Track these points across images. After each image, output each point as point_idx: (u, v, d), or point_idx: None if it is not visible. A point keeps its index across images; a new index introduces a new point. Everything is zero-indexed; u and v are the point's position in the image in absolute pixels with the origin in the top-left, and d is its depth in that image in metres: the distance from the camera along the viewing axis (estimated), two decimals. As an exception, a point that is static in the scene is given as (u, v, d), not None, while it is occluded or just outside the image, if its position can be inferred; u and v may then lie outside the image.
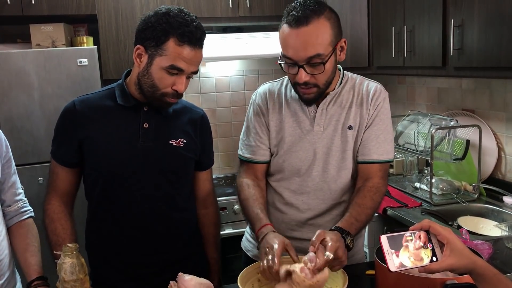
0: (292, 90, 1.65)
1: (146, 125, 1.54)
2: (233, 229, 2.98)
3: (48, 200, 1.58)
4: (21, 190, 1.62)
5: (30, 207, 1.64)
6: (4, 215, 1.56)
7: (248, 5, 3.18)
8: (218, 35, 3.17)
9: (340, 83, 1.64)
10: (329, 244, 1.31)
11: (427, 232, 1.18)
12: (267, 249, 1.36)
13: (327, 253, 1.29)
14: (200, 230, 1.75)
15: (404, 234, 1.17)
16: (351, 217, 1.48)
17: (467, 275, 1.22)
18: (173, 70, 1.45)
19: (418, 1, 2.40)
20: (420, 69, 2.49)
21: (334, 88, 1.62)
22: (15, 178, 1.60)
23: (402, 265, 1.13)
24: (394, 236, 1.16)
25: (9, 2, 2.71)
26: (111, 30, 3.00)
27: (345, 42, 1.54)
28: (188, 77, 1.51)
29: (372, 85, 1.65)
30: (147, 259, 1.59)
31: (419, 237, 1.17)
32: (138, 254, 1.59)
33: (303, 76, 1.48)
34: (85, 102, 1.56)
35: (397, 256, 1.14)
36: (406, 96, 3.19)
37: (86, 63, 2.72)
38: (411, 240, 1.16)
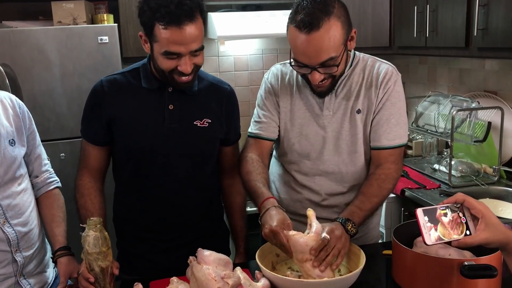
0: None
1: (171, 107, 1.56)
2: (249, 207, 3.00)
3: (79, 176, 1.63)
4: (47, 161, 1.67)
5: (56, 178, 1.68)
6: (32, 186, 1.61)
7: (272, -14, 3.14)
8: (237, 13, 3.14)
9: (351, 65, 1.61)
10: (325, 228, 1.35)
11: (461, 205, 1.18)
12: (265, 228, 1.38)
13: (324, 234, 1.32)
14: (225, 201, 1.77)
15: (439, 207, 1.17)
16: (353, 206, 1.49)
17: (486, 256, 1.22)
18: (169, 55, 1.42)
19: (443, -21, 2.35)
20: (442, 49, 2.45)
21: (344, 71, 1.58)
22: (41, 149, 1.64)
23: (437, 238, 1.14)
24: (429, 210, 1.17)
25: (31, -21, 2.72)
26: (131, 8, 2.99)
27: (355, 32, 1.49)
28: (193, 55, 1.45)
29: (383, 67, 1.60)
30: (171, 233, 1.64)
31: (453, 210, 1.17)
32: (163, 229, 1.63)
33: (317, 77, 1.46)
34: (113, 83, 1.58)
35: (435, 230, 1.15)
36: (427, 77, 3.15)
37: (107, 41, 2.73)
38: (445, 213, 1.16)
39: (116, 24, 2.80)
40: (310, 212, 1.39)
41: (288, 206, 1.65)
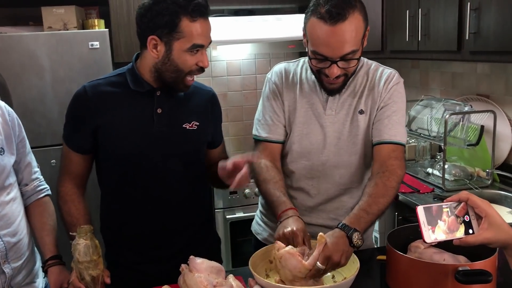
0: (308, 71, 1.64)
1: (159, 110, 1.54)
2: (243, 213, 2.98)
3: (61, 183, 1.59)
4: (37, 169, 1.64)
5: (46, 185, 1.66)
6: (22, 194, 1.58)
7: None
8: (229, 18, 3.14)
9: (356, 69, 1.61)
10: (324, 250, 1.26)
11: (465, 204, 1.16)
12: (286, 229, 1.35)
13: (318, 264, 1.26)
14: (211, 174, 1.67)
15: (441, 205, 1.16)
16: (360, 210, 1.40)
17: (481, 261, 1.21)
18: (195, 49, 1.44)
19: (434, -17, 2.36)
20: (434, 53, 2.46)
21: (355, 70, 1.58)
22: (31, 157, 1.62)
23: (437, 237, 1.12)
24: (430, 208, 1.15)
25: (21, -16, 2.70)
26: (123, 13, 2.98)
27: (368, 29, 1.50)
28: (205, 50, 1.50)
29: (386, 71, 1.62)
30: (162, 241, 1.61)
31: (456, 208, 1.15)
32: (152, 237, 1.60)
33: (335, 71, 1.45)
34: (97, 88, 1.54)
35: (433, 228, 1.13)
36: (419, 81, 3.15)
37: (98, 46, 2.71)
38: (448, 211, 1.15)
39: (107, 30, 2.79)
40: (323, 240, 1.29)
41: None
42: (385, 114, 1.57)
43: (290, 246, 1.31)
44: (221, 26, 2.91)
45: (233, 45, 3.48)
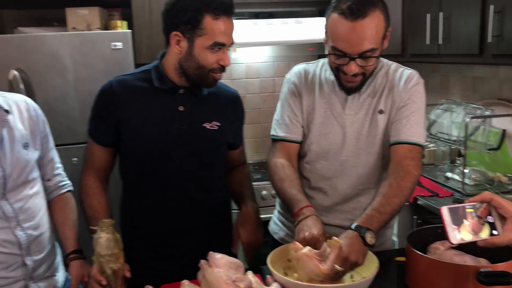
0: (327, 72, 1.64)
1: (181, 108, 1.56)
2: (260, 214, 2.99)
3: (84, 176, 1.63)
4: (59, 165, 1.67)
5: (69, 181, 1.69)
6: (45, 189, 1.61)
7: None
8: (249, 21, 3.16)
9: (375, 68, 1.61)
10: (340, 252, 1.27)
11: (489, 204, 1.15)
12: (306, 233, 1.35)
13: (336, 266, 1.26)
14: (230, 184, 1.74)
15: (465, 206, 1.15)
16: (372, 210, 1.40)
17: (503, 263, 1.20)
18: (216, 47, 1.46)
19: (456, -14, 2.34)
20: (455, 57, 2.44)
21: (374, 70, 1.58)
22: (54, 153, 1.65)
23: (462, 238, 1.11)
24: (454, 208, 1.14)
25: (46, -14, 2.76)
26: (145, 15, 3.03)
27: (389, 31, 1.51)
28: (227, 49, 1.52)
29: (406, 72, 1.61)
30: (180, 238, 1.62)
31: (480, 209, 1.14)
32: (171, 233, 1.62)
33: (353, 68, 1.46)
34: (122, 83, 1.58)
35: (458, 228, 1.12)
36: (439, 85, 3.13)
37: (120, 47, 2.75)
38: (472, 212, 1.14)
39: (129, 31, 2.83)
40: (337, 244, 1.29)
41: None
42: (404, 114, 1.56)
43: (308, 248, 1.31)
44: (241, 29, 2.93)
45: (252, 47, 3.50)
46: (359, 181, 1.62)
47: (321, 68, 1.68)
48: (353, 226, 1.35)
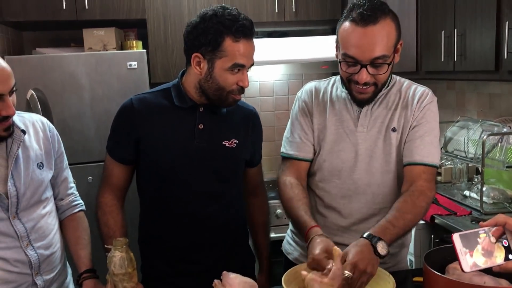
0: (338, 89, 1.64)
1: (201, 126, 1.57)
2: (275, 233, 2.96)
3: (101, 193, 1.63)
4: (73, 184, 1.69)
5: (81, 201, 1.70)
6: (57, 208, 1.62)
7: (294, 10, 3.19)
8: (263, 40, 3.19)
9: (388, 85, 1.60)
10: (349, 258, 1.25)
11: (503, 228, 1.12)
12: (309, 260, 1.34)
13: (345, 272, 1.23)
14: (249, 220, 1.78)
15: (478, 231, 1.11)
16: (386, 221, 1.39)
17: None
18: (236, 68, 1.47)
19: (470, 4, 2.33)
20: (471, 74, 2.42)
21: (386, 83, 1.57)
22: (68, 172, 1.66)
23: (475, 264, 1.08)
24: (466, 234, 1.11)
25: (64, 8, 2.83)
26: (160, 35, 3.07)
27: (401, 44, 1.51)
28: (248, 70, 1.53)
29: (420, 89, 1.60)
30: (199, 254, 1.62)
31: (493, 233, 1.11)
32: (190, 250, 1.62)
33: (364, 76, 1.45)
34: (143, 101, 1.59)
35: (471, 255, 1.09)
36: (455, 102, 3.10)
37: (136, 66, 2.80)
38: (485, 237, 1.11)
39: (144, 50, 2.87)
40: (336, 253, 1.29)
41: None
42: (418, 134, 1.55)
43: (313, 272, 1.30)
44: (255, 47, 2.95)
45: (266, 66, 3.52)
46: (375, 201, 1.60)
47: (332, 85, 1.67)
48: (365, 235, 1.34)
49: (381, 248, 1.30)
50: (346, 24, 1.45)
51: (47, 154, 1.55)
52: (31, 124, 1.55)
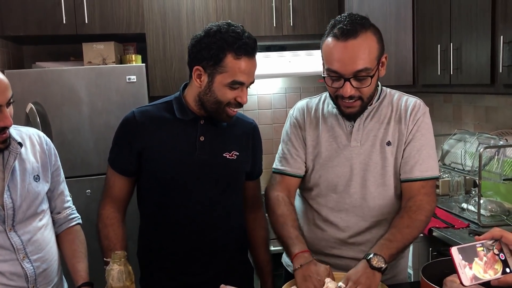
0: (330, 105, 1.66)
1: (202, 138, 1.59)
2: (273, 246, 2.95)
3: (102, 206, 1.64)
4: (69, 198, 1.69)
5: (77, 214, 1.70)
6: (54, 222, 1.63)
7: (291, 24, 3.22)
8: (261, 54, 3.21)
9: (378, 99, 1.62)
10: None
11: (499, 241, 1.12)
12: (317, 278, 1.38)
13: (340, 283, 1.30)
14: (249, 235, 1.78)
15: (475, 244, 1.12)
16: (383, 239, 1.45)
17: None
18: (235, 85, 1.49)
19: (465, 18, 2.36)
20: (467, 87, 2.44)
21: (372, 103, 1.60)
22: (64, 186, 1.67)
23: (475, 278, 1.09)
24: (464, 248, 1.11)
25: (64, 22, 2.85)
26: (159, 49, 3.10)
27: (386, 57, 1.53)
28: (247, 88, 1.55)
29: (411, 100, 1.62)
30: (195, 267, 1.62)
31: (490, 247, 1.12)
32: (189, 262, 1.62)
33: (348, 90, 1.47)
34: (145, 114, 1.61)
35: (470, 268, 1.09)
36: (452, 115, 3.12)
37: (135, 80, 2.81)
38: (482, 250, 1.11)
39: (143, 64, 2.89)
40: (341, 276, 1.36)
41: (313, 245, 1.62)
42: (415, 148, 1.57)
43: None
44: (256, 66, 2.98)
45: (264, 79, 3.55)
46: (372, 214, 1.61)
47: (323, 102, 1.70)
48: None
49: (376, 261, 1.34)
50: (328, 40, 1.49)
51: (43, 167, 1.56)
52: (28, 137, 1.56)
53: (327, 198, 1.64)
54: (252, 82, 1.55)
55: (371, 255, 1.36)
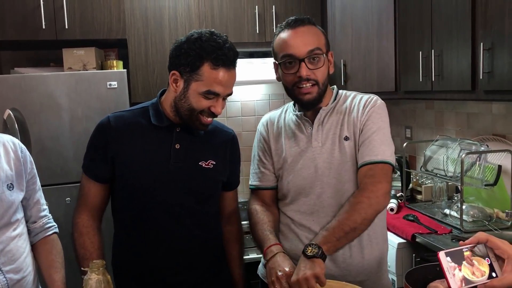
0: (291, 113, 1.70)
1: (177, 146, 1.56)
2: (257, 254, 2.94)
3: (77, 214, 1.60)
4: (45, 207, 1.65)
5: (54, 223, 1.66)
6: (30, 231, 1.58)
7: (274, 31, 3.21)
8: (244, 60, 3.20)
9: (335, 99, 1.66)
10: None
11: (484, 245, 1.12)
12: (278, 272, 1.39)
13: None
14: (223, 248, 1.75)
15: (462, 249, 1.12)
16: (321, 229, 1.47)
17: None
18: (210, 95, 1.47)
19: (446, 25, 2.39)
20: (448, 93, 2.46)
21: (328, 104, 1.64)
22: (40, 194, 1.62)
23: (462, 282, 1.08)
24: (452, 252, 1.11)
25: (44, 27, 2.81)
26: (141, 54, 3.07)
27: (331, 55, 1.62)
28: (224, 99, 1.53)
29: (365, 96, 1.65)
30: (173, 278, 1.59)
31: (476, 251, 1.12)
32: (164, 273, 1.58)
33: (304, 70, 1.54)
34: (120, 119, 1.59)
35: (459, 271, 1.09)
36: (434, 122, 3.15)
37: (116, 86, 2.78)
38: (469, 255, 1.11)
39: (125, 70, 2.86)
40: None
41: (291, 250, 1.61)
42: (366, 135, 1.58)
43: None
44: (236, 68, 2.97)
45: (247, 85, 3.54)
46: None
47: (285, 112, 1.74)
48: None
49: (310, 250, 1.37)
50: (279, 34, 1.60)
51: (18, 175, 1.52)
52: (2, 144, 1.52)
53: (298, 203, 1.64)
54: (230, 94, 1.53)
55: (305, 246, 1.38)
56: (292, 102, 1.71)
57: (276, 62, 1.62)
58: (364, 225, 1.47)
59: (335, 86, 1.71)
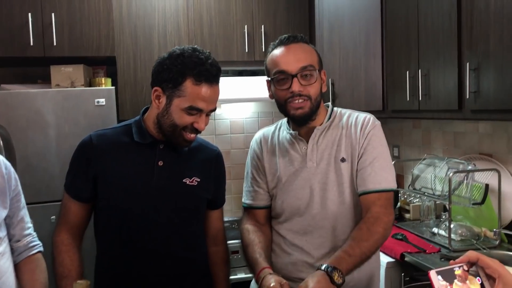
0: (284, 131, 1.69)
1: (161, 163, 1.54)
2: (245, 274, 2.91)
3: (57, 233, 1.57)
4: (30, 225, 1.61)
5: (39, 242, 1.62)
6: (13, 250, 1.54)
7: (263, 50, 3.24)
8: (233, 78, 3.22)
9: (329, 118, 1.65)
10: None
11: (475, 264, 1.12)
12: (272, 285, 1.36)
13: None
14: (209, 268, 1.72)
15: (453, 267, 1.11)
16: (341, 252, 1.42)
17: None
18: (193, 110, 1.46)
19: (433, 45, 2.42)
20: (435, 113, 2.48)
21: (323, 123, 1.63)
22: (25, 212, 1.59)
23: None
24: (442, 271, 1.10)
25: (32, 44, 2.79)
26: (129, 72, 3.06)
27: (324, 74, 1.62)
28: (207, 115, 1.52)
29: (361, 116, 1.64)
30: None
31: (467, 270, 1.11)
32: None
33: (296, 86, 1.53)
34: (102, 137, 1.57)
35: (451, 286, 1.08)
36: (421, 141, 3.17)
37: (104, 103, 2.76)
38: (459, 274, 1.10)
39: (113, 87, 2.85)
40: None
41: (281, 270, 1.60)
42: (367, 161, 1.57)
43: None
44: (225, 86, 2.96)
45: (236, 103, 3.55)
46: (334, 233, 1.60)
47: (278, 129, 1.73)
48: (322, 267, 1.36)
49: (337, 277, 1.33)
50: (272, 51, 1.61)
51: (1, 192, 1.49)
52: None
53: (292, 222, 1.63)
54: (213, 110, 1.52)
55: (330, 268, 1.34)
56: (286, 119, 1.70)
57: (269, 80, 1.62)
58: (373, 254, 1.51)
59: (329, 104, 1.70)
